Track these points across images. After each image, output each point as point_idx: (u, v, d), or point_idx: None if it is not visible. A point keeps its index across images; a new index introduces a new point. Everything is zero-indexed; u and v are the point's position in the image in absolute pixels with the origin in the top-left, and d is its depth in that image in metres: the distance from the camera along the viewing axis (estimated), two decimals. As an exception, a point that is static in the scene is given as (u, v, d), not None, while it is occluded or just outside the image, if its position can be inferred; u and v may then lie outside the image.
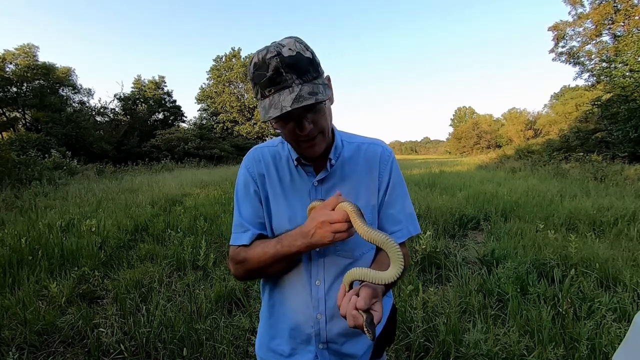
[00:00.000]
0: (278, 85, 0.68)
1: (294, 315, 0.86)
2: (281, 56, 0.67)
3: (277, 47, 0.68)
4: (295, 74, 0.68)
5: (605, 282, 2.85)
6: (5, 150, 10.24)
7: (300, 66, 0.68)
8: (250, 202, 0.88)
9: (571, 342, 2.05)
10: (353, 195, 0.86)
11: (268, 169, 0.89)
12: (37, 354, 2.11)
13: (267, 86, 0.69)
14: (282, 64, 0.67)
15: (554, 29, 18.25)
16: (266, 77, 0.68)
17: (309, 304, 0.84)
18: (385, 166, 0.89)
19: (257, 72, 0.69)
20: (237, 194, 0.91)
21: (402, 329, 2.24)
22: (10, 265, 3.24)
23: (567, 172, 10.56)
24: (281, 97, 0.68)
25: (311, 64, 0.70)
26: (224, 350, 2.07)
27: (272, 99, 0.69)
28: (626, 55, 13.50)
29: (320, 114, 0.75)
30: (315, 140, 0.77)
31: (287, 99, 0.67)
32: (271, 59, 0.67)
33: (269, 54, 0.67)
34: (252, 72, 0.71)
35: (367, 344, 0.89)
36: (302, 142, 0.77)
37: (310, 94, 0.67)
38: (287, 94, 0.67)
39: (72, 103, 22.79)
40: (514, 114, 43.66)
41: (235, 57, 34.18)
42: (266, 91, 0.70)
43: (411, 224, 0.89)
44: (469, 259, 3.63)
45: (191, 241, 3.95)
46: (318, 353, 0.86)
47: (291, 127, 0.74)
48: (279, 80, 0.68)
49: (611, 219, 4.59)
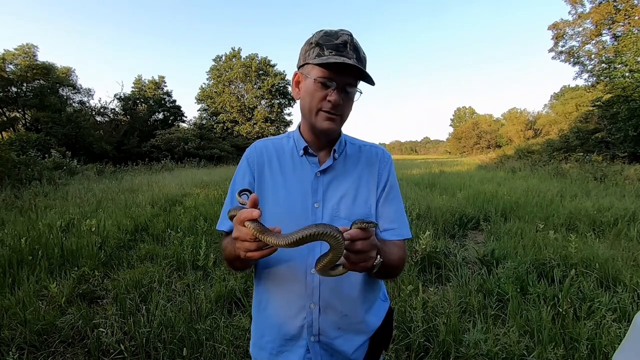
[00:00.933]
0: (340, 53, 0.78)
1: (285, 308, 0.85)
2: (352, 37, 0.80)
3: (348, 31, 0.81)
4: (356, 55, 0.79)
5: (605, 282, 2.85)
6: (5, 150, 10.23)
7: (360, 53, 0.81)
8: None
9: (571, 342, 2.05)
10: (353, 190, 0.88)
11: (270, 159, 0.91)
12: (37, 354, 2.10)
13: (331, 49, 0.78)
14: (350, 41, 0.79)
15: (554, 27, 18.21)
16: (334, 43, 0.78)
17: (302, 294, 0.84)
18: (385, 165, 0.93)
19: (326, 37, 0.80)
20: (233, 182, 0.94)
21: (402, 329, 2.24)
22: (10, 265, 3.23)
23: (567, 172, 10.56)
24: (342, 58, 0.77)
25: (365, 61, 0.83)
26: (224, 350, 2.07)
27: (330, 57, 0.77)
28: (626, 55, 13.49)
29: (350, 100, 0.84)
30: (335, 116, 0.83)
31: (348, 60, 0.76)
32: (343, 34, 0.79)
33: (342, 31, 0.80)
34: (321, 35, 0.80)
35: (359, 342, 0.88)
36: (325, 111, 0.82)
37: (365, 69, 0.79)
38: (346, 60, 0.76)
39: (72, 103, 22.76)
40: (514, 114, 43.63)
41: (235, 57, 34.13)
42: (327, 52, 0.79)
43: (404, 228, 0.91)
44: (469, 259, 3.63)
45: (191, 241, 3.95)
46: (310, 346, 0.85)
47: (326, 92, 0.80)
48: (343, 50, 0.78)
49: (611, 219, 4.59)
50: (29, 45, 19.41)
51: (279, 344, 0.87)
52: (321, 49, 0.79)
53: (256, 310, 0.93)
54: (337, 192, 0.88)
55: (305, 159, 0.90)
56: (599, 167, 10.17)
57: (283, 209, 0.86)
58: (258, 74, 33.48)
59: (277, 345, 0.87)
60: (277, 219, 0.85)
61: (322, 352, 0.86)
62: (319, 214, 0.86)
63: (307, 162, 0.89)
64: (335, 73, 0.78)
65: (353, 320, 0.87)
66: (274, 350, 0.88)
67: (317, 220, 0.85)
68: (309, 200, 0.86)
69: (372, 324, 0.91)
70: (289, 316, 0.85)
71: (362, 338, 0.89)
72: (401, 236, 0.89)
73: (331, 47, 0.78)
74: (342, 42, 0.78)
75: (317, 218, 0.85)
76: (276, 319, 0.87)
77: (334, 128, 0.84)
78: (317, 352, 0.85)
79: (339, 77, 0.78)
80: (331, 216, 0.85)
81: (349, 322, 0.86)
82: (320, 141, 0.90)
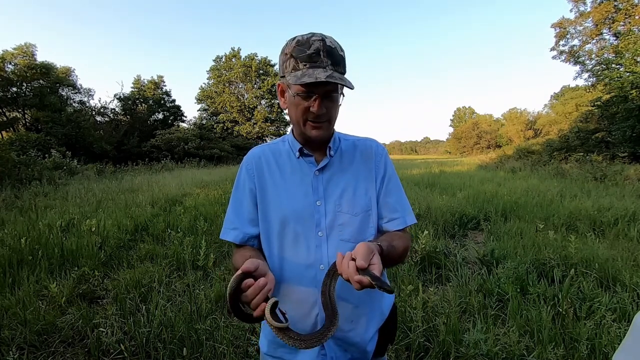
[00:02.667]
0: (314, 63, 0.77)
1: (298, 306, 0.87)
2: (324, 42, 0.77)
3: (322, 35, 0.79)
4: (331, 60, 0.78)
5: (605, 282, 2.85)
6: (5, 150, 10.23)
7: (336, 57, 0.79)
8: (245, 201, 0.93)
9: (571, 342, 2.05)
10: (352, 184, 0.90)
11: (268, 163, 0.93)
12: (37, 354, 2.10)
13: (304, 61, 0.77)
14: (323, 47, 0.77)
15: (558, 25, 18.11)
16: (306, 53, 0.77)
17: (312, 291, 0.85)
18: (380, 158, 0.95)
19: (299, 48, 0.78)
20: (234, 191, 0.96)
21: (402, 329, 2.23)
22: (10, 265, 3.23)
23: (567, 172, 10.55)
24: (316, 72, 0.76)
25: (343, 61, 0.81)
26: (224, 350, 2.07)
27: (305, 71, 0.77)
28: (625, 55, 13.48)
29: (335, 104, 0.84)
30: (322, 124, 0.84)
31: (321, 74, 0.75)
32: (315, 41, 0.77)
33: (314, 37, 0.78)
34: (293, 46, 0.79)
35: (371, 333, 0.90)
36: (311, 121, 0.83)
37: (340, 79, 0.76)
38: (321, 71, 0.76)
39: (72, 103, 22.76)
40: (514, 114, 43.62)
41: (235, 57, 34.13)
42: (301, 64, 0.78)
43: (407, 215, 0.93)
44: (469, 259, 3.63)
45: (191, 241, 3.95)
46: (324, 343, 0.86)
47: (309, 103, 0.80)
48: (316, 60, 0.77)
49: (611, 219, 4.59)
50: (28, 44, 19.40)
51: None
52: (296, 61, 0.78)
53: None
54: (338, 187, 0.89)
55: (302, 159, 0.91)
56: (599, 167, 10.15)
57: (287, 211, 0.88)
58: (258, 73, 33.49)
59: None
60: (282, 220, 0.88)
61: (336, 348, 0.88)
62: (322, 211, 0.88)
63: (304, 162, 0.91)
64: (313, 86, 0.78)
65: (364, 310, 0.89)
66: (293, 347, 0.89)
67: (321, 218, 0.87)
68: (310, 198, 0.88)
69: (382, 313, 0.94)
70: (302, 315, 0.87)
71: (373, 329, 0.91)
72: (405, 224, 0.92)
73: (304, 59, 0.77)
74: (315, 51, 0.76)
75: (321, 215, 0.87)
76: (293, 316, 0.88)
77: (323, 135, 0.85)
78: (332, 347, 0.87)
79: (318, 88, 0.78)
80: (334, 212, 0.87)
81: (360, 313, 0.89)
82: (313, 144, 0.91)
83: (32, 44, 19.49)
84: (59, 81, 21.05)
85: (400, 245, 0.86)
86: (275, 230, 0.88)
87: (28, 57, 19.27)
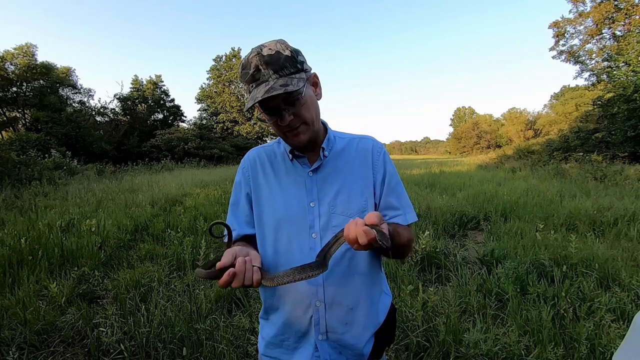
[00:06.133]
0: (258, 81, 0.76)
1: (294, 307, 0.87)
2: (260, 55, 0.75)
3: (259, 47, 0.76)
4: (272, 69, 0.75)
5: (604, 282, 2.85)
6: (5, 150, 10.23)
7: (277, 62, 0.75)
8: (241, 203, 0.94)
9: (571, 342, 2.05)
10: (347, 185, 0.89)
11: (263, 165, 0.94)
12: (37, 354, 2.10)
13: (250, 82, 0.77)
14: (260, 61, 0.75)
15: (555, 26, 18.16)
16: (249, 74, 0.76)
17: (307, 293, 0.85)
18: (379, 156, 0.92)
19: (243, 72, 0.78)
20: (232, 193, 0.99)
21: (402, 328, 2.24)
22: (10, 265, 3.23)
23: (567, 172, 10.55)
24: (256, 91, 0.75)
25: (289, 61, 0.76)
26: (224, 350, 2.07)
27: (252, 93, 0.76)
28: (629, 55, 13.47)
29: (300, 105, 0.79)
30: (298, 130, 0.82)
31: (261, 91, 0.74)
32: (252, 58, 0.75)
33: (251, 54, 0.76)
34: (240, 72, 0.79)
35: (367, 336, 0.89)
36: (287, 131, 0.82)
37: (281, 86, 0.73)
38: (262, 87, 0.74)
39: (72, 103, 22.79)
40: (514, 114, 43.65)
41: (235, 57, 34.13)
42: (250, 87, 0.78)
43: (409, 212, 0.92)
44: (469, 259, 3.63)
45: (191, 241, 3.95)
46: (318, 344, 0.86)
47: (275, 118, 0.79)
48: (258, 77, 0.75)
49: (611, 219, 4.59)
50: (28, 44, 19.43)
51: (294, 341, 0.89)
52: (246, 85, 0.79)
53: (265, 309, 0.95)
54: (332, 188, 0.88)
55: (296, 161, 0.91)
56: (599, 167, 10.14)
57: (280, 213, 0.88)
58: (258, 73, 33.44)
59: (292, 342, 0.89)
60: (276, 222, 0.88)
61: (331, 351, 0.87)
62: (316, 212, 0.86)
63: (298, 164, 0.91)
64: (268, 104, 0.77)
65: (360, 313, 0.88)
66: (290, 347, 0.90)
67: (315, 220, 0.86)
68: (304, 200, 0.87)
69: (378, 316, 0.93)
70: (298, 316, 0.87)
71: (369, 331, 0.90)
72: (406, 222, 0.91)
73: (250, 81, 0.77)
74: (255, 68, 0.75)
75: (314, 217, 0.86)
76: (288, 317, 0.89)
77: (304, 139, 0.83)
78: (326, 350, 0.87)
79: (272, 101, 0.76)
80: (328, 213, 0.86)
81: (355, 315, 0.88)
82: (301, 148, 0.90)
83: (32, 44, 19.54)
84: (59, 81, 21.08)
85: (405, 234, 0.85)
86: (269, 232, 0.88)
87: (28, 57, 19.30)
